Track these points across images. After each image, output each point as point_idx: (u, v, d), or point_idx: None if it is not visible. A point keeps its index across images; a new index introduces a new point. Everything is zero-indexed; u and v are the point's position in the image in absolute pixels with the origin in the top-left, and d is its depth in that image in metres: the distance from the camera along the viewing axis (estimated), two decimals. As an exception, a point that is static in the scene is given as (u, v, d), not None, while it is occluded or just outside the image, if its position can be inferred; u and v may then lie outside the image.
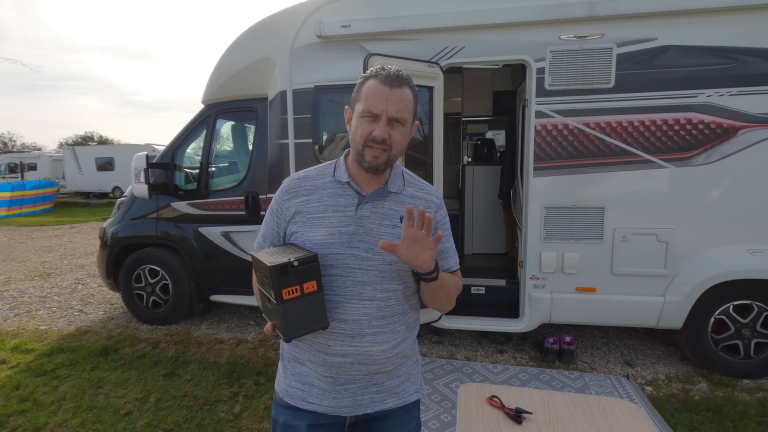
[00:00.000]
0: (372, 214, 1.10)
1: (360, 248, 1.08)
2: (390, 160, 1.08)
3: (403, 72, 1.08)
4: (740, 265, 2.98)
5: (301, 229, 1.11)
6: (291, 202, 1.13)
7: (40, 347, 3.73)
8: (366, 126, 1.05)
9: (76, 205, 17.20)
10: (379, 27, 3.28)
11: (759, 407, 2.75)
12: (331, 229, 1.08)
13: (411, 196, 1.16)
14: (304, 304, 1.00)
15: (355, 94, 1.10)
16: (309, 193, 1.13)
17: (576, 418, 1.42)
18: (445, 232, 1.20)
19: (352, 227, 1.08)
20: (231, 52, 3.90)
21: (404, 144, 1.10)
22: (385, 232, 1.10)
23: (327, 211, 1.10)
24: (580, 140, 3.10)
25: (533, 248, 3.25)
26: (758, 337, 3.06)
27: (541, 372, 3.21)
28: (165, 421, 2.66)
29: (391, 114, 1.04)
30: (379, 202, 1.11)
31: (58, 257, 7.38)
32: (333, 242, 1.08)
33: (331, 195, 1.12)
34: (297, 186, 1.15)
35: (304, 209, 1.12)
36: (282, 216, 1.15)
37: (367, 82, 1.07)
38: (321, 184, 1.14)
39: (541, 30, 3.09)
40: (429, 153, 3.33)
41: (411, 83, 1.08)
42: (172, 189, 4.13)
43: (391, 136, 1.05)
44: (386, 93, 1.04)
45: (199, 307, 4.20)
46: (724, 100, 2.90)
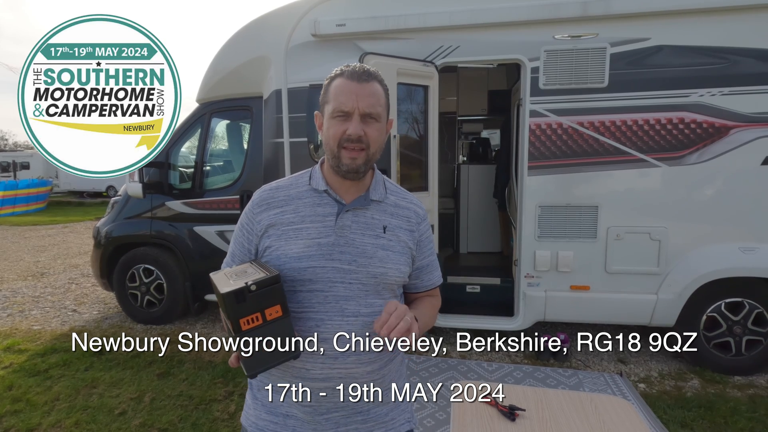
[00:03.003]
0: (353, 223, 1.02)
1: (342, 260, 1.00)
2: (369, 161, 1.01)
3: (369, 67, 1.02)
4: (732, 263, 3.01)
5: (276, 243, 1.01)
6: (263, 215, 1.04)
7: (33, 347, 3.70)
8: (338, 126, 0.98)
9: (69, 204, 17.07)
10: (374, 26, 3.28)
11: (750, 403, 2.78)
12: (309, 241, 1.00)
13: (394, 205, 1.08)
14: (267, 333, 0.88)
15: (322, 96, 1.03)
16: (283, 204, 1.04)
17: (569, 415, 1.43)
18: (428, 245, 1.14)
19: (332, 238, 1.00)
20: (226, 50, 3.89)
21: (381, 141, 1.03)
22: (368, 242, 1.02)
23: (304, 221, 1.02)
24: (575, 139, 3.12)
25: (528, 247, 3.27)
26: (749, 335, 3.09)
27: (535, 370, 3.23)
28: (160, 420, 2.65)
29: (363, 110, 0.97)
30: (360, 211, 1.04)
31: (52, 257, 7.33)
32: (312, 255, 0.99)
33: (308, 205, 1.03)
34: (269, 197, 1.06)
35: (278, 221, 1.02)
36: (253, 231, 1.05)
37: (334, 81, 1.00)
38: (296, 193, 1.05)
39: (535, 29, 3.10)
40: (424, 152, 3.34)
41: (380, 77, 1.02)
42: (166, 188, 4.10)
43: (366, 133, 0.98)
44: (355, 89, 0.97)
45: (194, 306, 4.19)
46: (716, 99, 2.93)
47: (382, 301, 1.02)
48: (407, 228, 1.07)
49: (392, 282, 1.05)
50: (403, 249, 1.06)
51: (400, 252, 1.05)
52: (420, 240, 1.10)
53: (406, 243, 1.06)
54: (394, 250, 1.04)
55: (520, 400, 1.50)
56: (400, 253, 1.05)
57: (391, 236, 1.05)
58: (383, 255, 1.02)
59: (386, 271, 1.02)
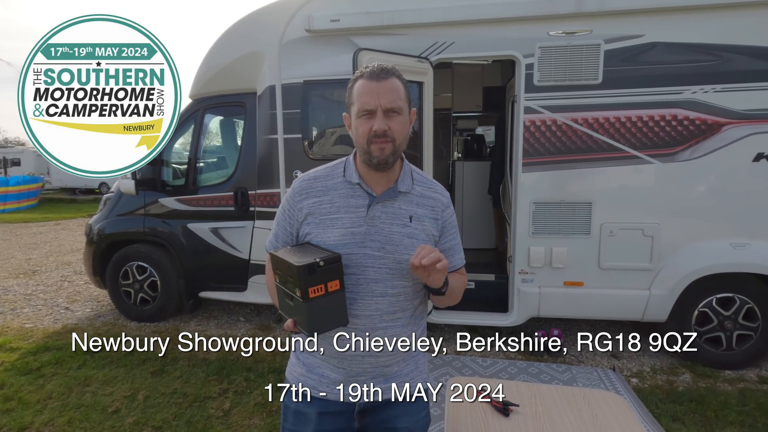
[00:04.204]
0: (383, 214, 1.14)
1: (372, 247, 1.12)
2: (396, 151, 1.11)
3: (387, 64, 1.11)
4: (723, 259, 3.04)
5: (315, 231, 1.14)
6: (303, 203, 1.16)
7: (25, 345, 3.67)
8: (365, 124, 1.09)
9: (61, 201, 16.90)
10: (369, 22, 3.26)
11: (740, 397, 2.82)
12: (344, 230, 1.12)
13: (419, 195, 1.19)
14: (327, 302, 1.03)
15: (348, 99, 1.14)
16: (320, 195, 1.16)
17: (562, 410, 1.45)
18: (452, 229, 1.24)
19: (364, 227, 1.12)
20: (219, 45, 3.85)
21: (406, 133, 1.13)
22: (396, 231, 1.13)
23: (339, 212, 1.14)
24: (569, 136, 3.12)
25: (522, 243, 3.28)
26: (740, 329, 3.13)
27: (529, 365, 3.25)
28: (153, 418, 2.64)
29: (385, 106, 1.07)
30: (389, 202, 1.15)
31: (44, 254, 7.26)
32: (347, 243, 1.11)
33: (342, 196, 1.15)
34: (308, 187, 1.18)
35: (316, 210, 1.15)
36: (295, 217, 1.18)
37: (356, 83, 1.11)
38: (332, 184, 1.17)
39: (530, 26, 3.10)
40: (419, 149, 3.33)
41: (398, 73, 1.11)
42: (159, 185, 4.07)
43: (390, 127, 1.08)
44: (375, 88, 1.07)
45: (188, 303, 4.16)
46: (709, 96, 2.94)
47: (407, 282, 1.16)
48: (432, 216, 1.18)
49: None
50: (428, 237, 1.17)
51: (425, 240, 1.16)
52: (444, 225, 1.21)
53: (430, 231, 1.17)
54: (419, 238, 1.15)
55: (514, 396, 1.51)
56: (424, 240, 1.15)
57: (417, 225, 1.16)
58: (409, 243, 1.13)
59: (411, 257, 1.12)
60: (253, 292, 3.89)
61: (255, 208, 3.80)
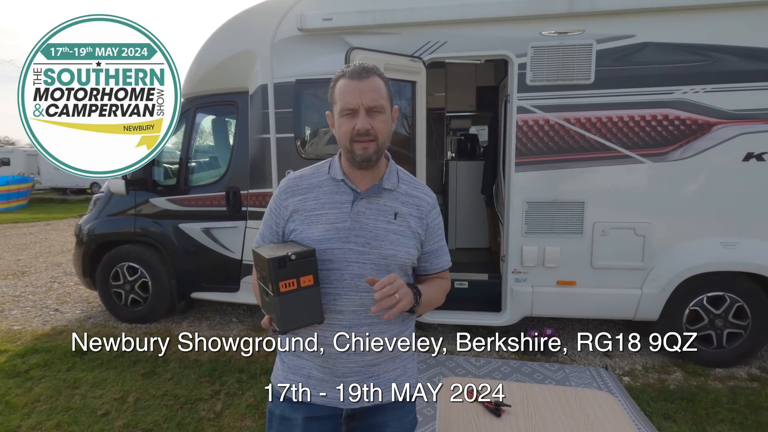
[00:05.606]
0: (367, 209, 1.14)
1: (357, 243, 1.11)
2: (379, 150, 1.11)
3: (368, 63, 1.11)
4: (714, 257, 3.06)
5: (300, 227, 1.14)
6: (289, 201, 1.17)
7: (13, 348, 3.61)
8: (347, 123, 1.09)
9: (51, 201, 16.69)
10: (361, 20, 3.24)
11: (730, 395, 2.84)
12: (328, 225, 1.12)
13: (405, 194, 1.19)
14: (300, 298, 1.03)
15: (330, 97, 1.14)
16: (306, 192, 1.17)
17: (554, 410, 1.44)
18: (438, 232, 1.24)
19: (348, 223, 1.12)
20: (210, 44, 3.82)
21: (388, 131, 1.13)
22: (381, 227, 1.13)
23: (324, 208, 1.14)
24: (561, 135, 3.13)
25: (515, 243, 3.29)
26: (730, 328, 3.15)
27: (522, 365, 3.25)
28: (144, 421, 2.61)
29: (366, 104, 1.07)
30: (374, 198, 1.15)
31: (33, 255, 7.16)
32: (330, 238, 1.11)
33: (327, 192, 1.16)
34: (294, 185, 1.19)
35: (301, 207, 1.15)
36: (281, 215, 1.18)
37: (338, 83, 1.11)
38: (317, 182, 1.18)
39: (522, 25, 3.10)
40: (412, 148, 3.33)
41: (379, 71, 1.11)
42: (150, 184, 4.03)
43: (373, 126, 1.08)
44: (357, 86, 1.07)
45: (180, 304, 4.13)
46: (700, 96, 2.96)
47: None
48: (417, 215, 1.18)
49: (402, 263, 1.15)
50: (413, 234, 1.17)
51: (410, 237, 1.16)
52: (429, 226, 1.21)
53: (415, 229, 1.17)
54: (404, 234, 1.15)
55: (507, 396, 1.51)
56: (409, 237, 1.16)
57: (402, 222, 1.15)
58: (394, 239, 1.13)
59: (396, 253, 1.13)
60: (245, 293, 3.87)
61: (247, 208, 3.77)
